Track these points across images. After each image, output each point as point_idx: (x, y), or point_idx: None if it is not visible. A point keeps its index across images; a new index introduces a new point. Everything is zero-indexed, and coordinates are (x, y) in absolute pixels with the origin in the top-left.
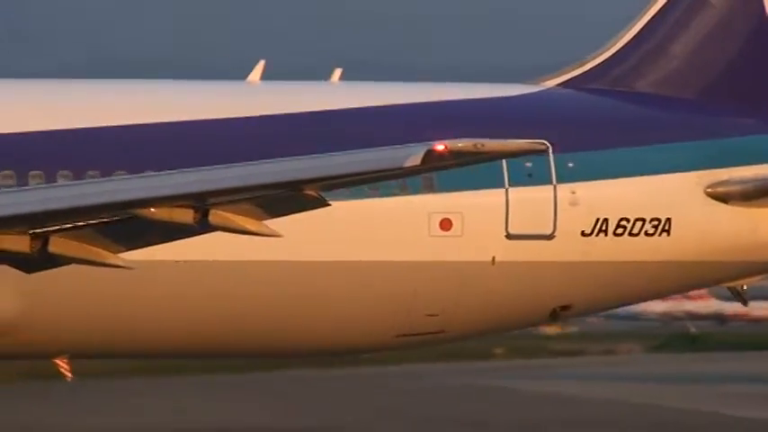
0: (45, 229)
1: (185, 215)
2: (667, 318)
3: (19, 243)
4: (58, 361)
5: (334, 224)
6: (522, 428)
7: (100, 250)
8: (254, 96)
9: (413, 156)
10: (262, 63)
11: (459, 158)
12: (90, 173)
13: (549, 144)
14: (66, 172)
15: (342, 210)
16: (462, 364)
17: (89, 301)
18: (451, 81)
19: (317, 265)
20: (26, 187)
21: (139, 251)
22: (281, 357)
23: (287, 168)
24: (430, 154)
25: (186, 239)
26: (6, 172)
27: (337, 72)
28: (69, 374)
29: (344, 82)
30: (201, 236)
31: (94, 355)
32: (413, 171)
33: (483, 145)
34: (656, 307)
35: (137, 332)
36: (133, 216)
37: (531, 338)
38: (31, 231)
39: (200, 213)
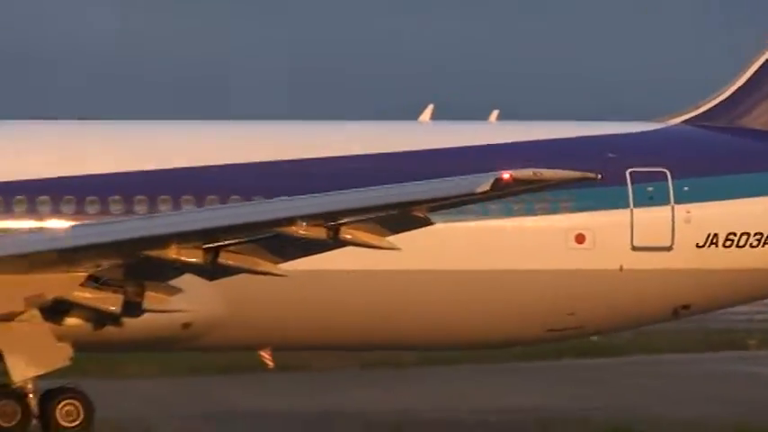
0: (214, 245)
1: (320, 232)
2: None
3: (195, 255)
4: (262, 353)
5: (493, 239)
6: None
7: (259, 260)
8: (424, 134)
9: (484, 183)
10: (431, 106)
11: (523, 185)
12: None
13: (599, 174)
14: (258, 197)
15: (498, 227)
16: (720, 353)
17: (283, 303)
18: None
19: (483, 273)
20: (194, 209)
21: (331, 261)
22: (454, 349)
23: (386, 193)
24: (497, 182)
25: (381, 251)
26: (187, 197)
27: (495, 113)
28: (271, 364)
29: (500, 121)
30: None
31: (292, 348)
32: (487, 196)
33: (541, 173)
34: None
35: (327, 328)
36: (280, 233)
37: None
38: (204, 246)
39: (333, 231)
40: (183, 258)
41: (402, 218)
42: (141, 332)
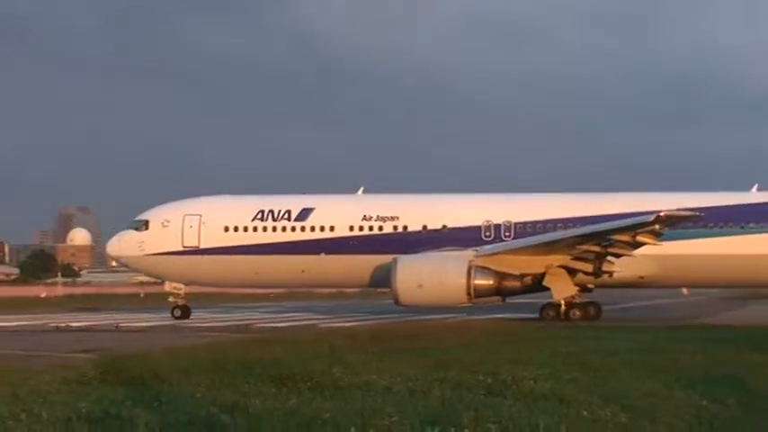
0: (601, 244)
1: (627, 237)
2: None
3: (595, 248)
4: (683, 289)
5: None
6: None
7: (619, 251)
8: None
9: (650, 218)
10: (756, 185)
11: (673, 219)
12: None
13: (701, 213)
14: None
15: None
16: None
17: (688, 267)
18: None
19: None
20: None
21: (722, 248)
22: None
23: (612, 225)
24: (658, 216)
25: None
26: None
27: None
28: (686, 292)
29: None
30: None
31: (696, 287)
32: (652, 228)
33: (679, 212)
34: None
35: (718, 279)
36: (615, 238)
37: None
38: (596, 243)
39: (633, 237)
40: (592, 248)
41: (653, 231)
42: (622, 279)
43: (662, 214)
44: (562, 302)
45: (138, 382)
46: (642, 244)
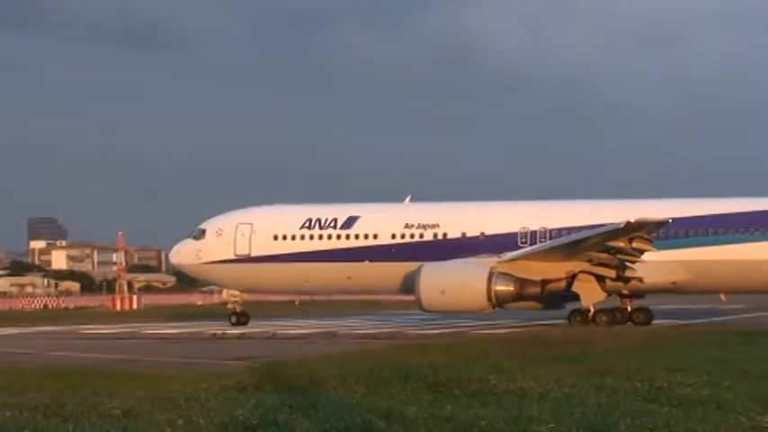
0: (609, 251)
1: (623, 243)
2: None
3: (604, 252)
4: (721, 296)
5: None
6: None
7: (625, 257)
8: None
9: (620, 224)
10: None
11: (644, 226)
12: None
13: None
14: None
15: None
16: None
17: (716, 274)
18: None
19: None
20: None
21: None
22: None
23: (598, 231)
24: (627, 223)
25: None
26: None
27: None
28: (724, 300)
29: None
30: None
31: (732, 293)
32: (623, 235)
33: (645, 219)
34: None
35: (738, 285)
36: (611, 245)
37: None
38: (602, 248)
39: (629, 242)
40: (601, 255)
41: (638, 237)
42: (654, 285)
43: (632, 221)
44: (591, 308)
45: (294, 389)
46: (644, 250)
